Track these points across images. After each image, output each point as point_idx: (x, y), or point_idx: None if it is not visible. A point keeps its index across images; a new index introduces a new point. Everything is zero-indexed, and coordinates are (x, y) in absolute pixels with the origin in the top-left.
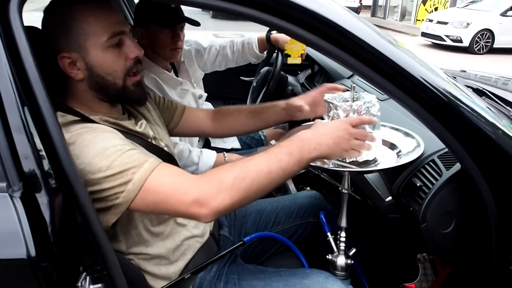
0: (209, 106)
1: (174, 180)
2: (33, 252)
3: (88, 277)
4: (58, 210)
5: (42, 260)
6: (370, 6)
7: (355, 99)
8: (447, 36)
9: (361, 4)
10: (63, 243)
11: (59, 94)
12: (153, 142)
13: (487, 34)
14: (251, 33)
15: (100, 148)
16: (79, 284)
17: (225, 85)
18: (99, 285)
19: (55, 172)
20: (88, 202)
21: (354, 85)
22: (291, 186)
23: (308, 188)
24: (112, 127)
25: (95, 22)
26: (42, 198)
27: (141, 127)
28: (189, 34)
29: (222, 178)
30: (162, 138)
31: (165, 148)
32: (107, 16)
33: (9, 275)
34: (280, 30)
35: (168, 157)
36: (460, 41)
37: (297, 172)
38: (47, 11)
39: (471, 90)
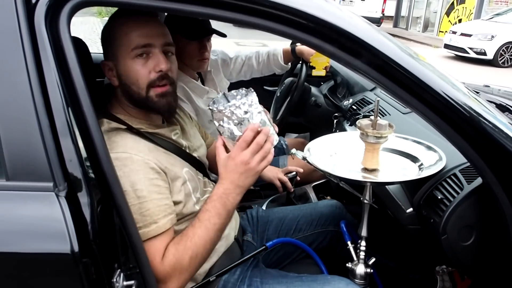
0: None
1: (155, 256)
2: (76, 248)
3: (122, 274)
4: (97, 209)
5: (83, 256)
6: (392, 16)
7: (252, 103)
8: (470, 48)
9: (383, 14)
10: (101, 241)
11: (104, 102)
12: (186, 150)
13: None
14: (272, 41)
15: (131, 185)
16: (114, 280)
17: None
18: (132, 281)
19: (96, 175)
20: (125, 204)
21: (378, 99)
22: (312, 195)
23: (328, 197)
24: (150, 137)
25: (126, 34)
26: (83, 198)
27: (175, 135)
28: (212, 42)
29: (181, 263)
30: (196, 149)
31: (197, 158)
32: (138, 29)
33: (54, 268)
34: (304, 43)
35: (198, 165)
36: (484, 53)
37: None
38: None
39: (494, 105)
